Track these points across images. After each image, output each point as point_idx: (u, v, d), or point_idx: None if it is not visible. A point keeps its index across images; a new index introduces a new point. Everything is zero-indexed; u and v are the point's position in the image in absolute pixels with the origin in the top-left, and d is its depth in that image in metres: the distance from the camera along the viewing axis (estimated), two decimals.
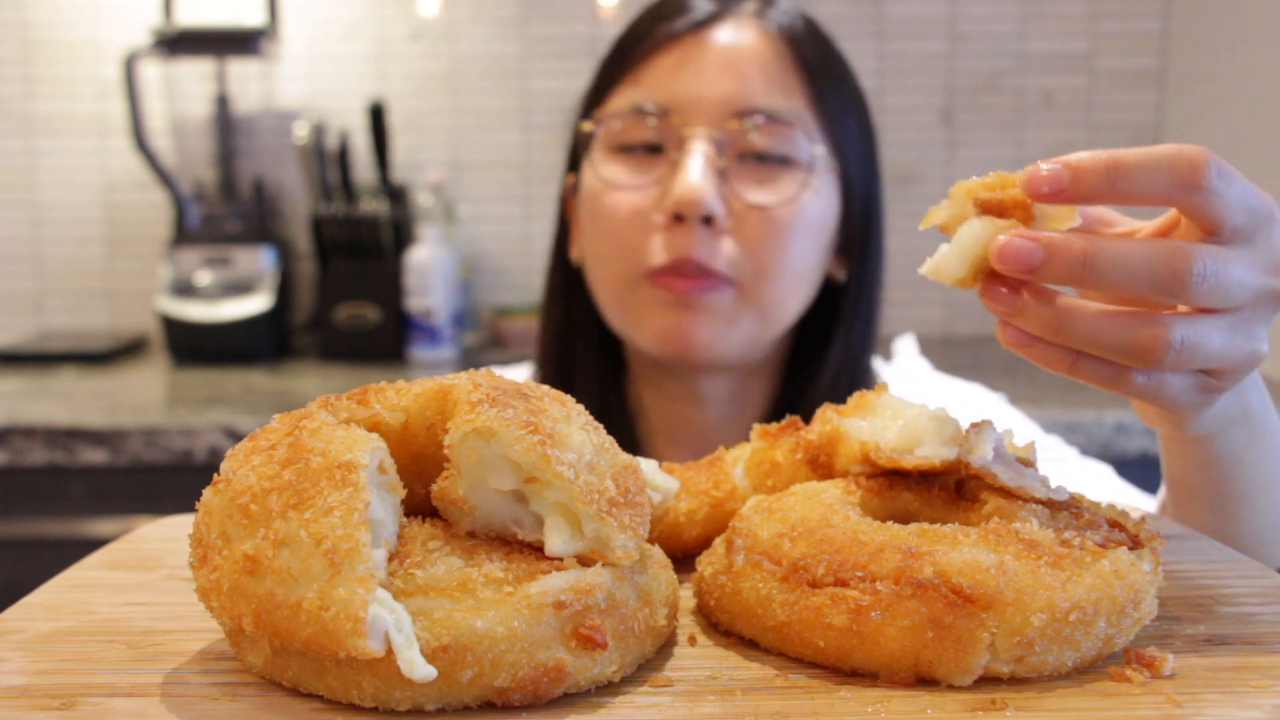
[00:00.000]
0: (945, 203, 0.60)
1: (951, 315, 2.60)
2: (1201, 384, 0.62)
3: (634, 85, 1.06)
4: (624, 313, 1.07)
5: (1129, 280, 0.56)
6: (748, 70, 1.03)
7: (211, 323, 2.31)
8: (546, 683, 0.45)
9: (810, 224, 1.04)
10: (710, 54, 1.04)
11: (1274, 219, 0.61)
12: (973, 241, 0.58)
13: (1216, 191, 0.57)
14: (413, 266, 2.30)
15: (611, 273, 1.06)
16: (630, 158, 1.05)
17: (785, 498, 0.57)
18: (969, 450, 0.55)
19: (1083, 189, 0.57)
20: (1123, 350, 0.58)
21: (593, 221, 1.07)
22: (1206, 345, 0.58)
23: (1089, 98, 2.56)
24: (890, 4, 2.54)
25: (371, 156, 2.38)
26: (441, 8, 2.54)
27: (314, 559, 0.44)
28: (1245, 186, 0.59)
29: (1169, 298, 0.57)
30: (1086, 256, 0.56)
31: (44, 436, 1.77)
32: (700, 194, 0.99)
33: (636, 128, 1.04)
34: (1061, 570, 0.48)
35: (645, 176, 1.04)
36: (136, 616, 0.56)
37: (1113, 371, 0.60)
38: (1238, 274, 0.58)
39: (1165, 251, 0.56)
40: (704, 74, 1.03)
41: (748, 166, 1.03)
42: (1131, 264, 0.56)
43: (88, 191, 2.56)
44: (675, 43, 1.05)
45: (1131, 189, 0.57)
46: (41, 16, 2.51)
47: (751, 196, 1.02)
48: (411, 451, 0.53)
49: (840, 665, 0.49)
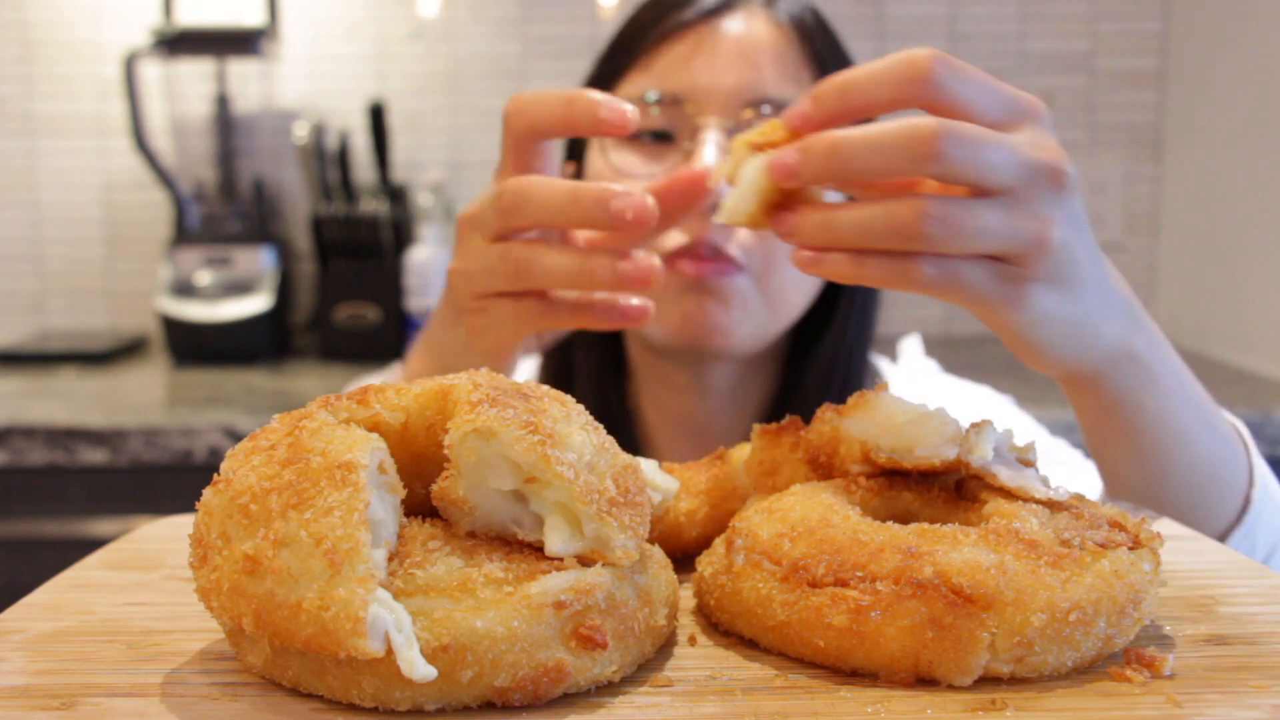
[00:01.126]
0: (728, 158, 0.66)
1: (951, 315, 2.60)
2: (1001, 272, 0.63)
3: (644, 73, 1.05)
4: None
5: (880, 159, 0.59)
6: (759, 60, 1.03)
7: (211, 323, 2.31)
8: (546, 683, 0.45)
9: None
10: (722, 43, 1.04)
11: (1040, 115, 0.64)
12: (753, 175, 0.63)
13: (945, 85, 0.60)
14: (413, 266, 2.30)
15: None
16: (641, 145, 1.05)
17: (785, 498, 0.57)
18: (969, 450, 0.55)
19: (824, 110, 0.61)
20: (887, 231, 0.60)
21: None
22: (977, 222, 0.60)
23: (1089, 98, 2.56)
24: (890, 4, 2.54)
25: (371, 156, 2.38)
26: (441, 8, 2.54)
27: (314, 559, 0.44)
28: (990, 85, 0.62)
29: (924, 167, 0.59)
30: (835, 144, 0.59)
31: (44, 436, 1.77)
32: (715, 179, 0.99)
33: (648, 115, 1.04)
34: (1061, 570, 0.48)
35: (658, 165, 1.04)
36: (136, 616, 0.56)
37: (897, 265, 0.62)
38: (997, 151, 0.60)
39: (912, 124, 0.59)
40: (716, 63, 1.03)
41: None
42: (879, 142, 0.59)
43: (88, 191, 2.56)
44: (686, 31, 1.05)
45: (863, 101, 0.60)
46: (41, 16, 2.51)
47: None
48: (411, 451, 0.53)
49: (840, 665, 0.49)
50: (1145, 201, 2.58)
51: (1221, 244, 2.34)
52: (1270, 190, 2.15)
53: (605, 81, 1.09)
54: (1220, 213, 2.34)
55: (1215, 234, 2.37)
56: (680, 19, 1.05)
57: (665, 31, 1.05)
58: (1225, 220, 2.33)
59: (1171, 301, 2.54)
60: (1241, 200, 2.26)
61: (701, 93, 1.02)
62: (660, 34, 1.05)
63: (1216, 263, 2.35)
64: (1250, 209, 2.22)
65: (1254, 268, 2.20)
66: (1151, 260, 2.60)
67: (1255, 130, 2.20)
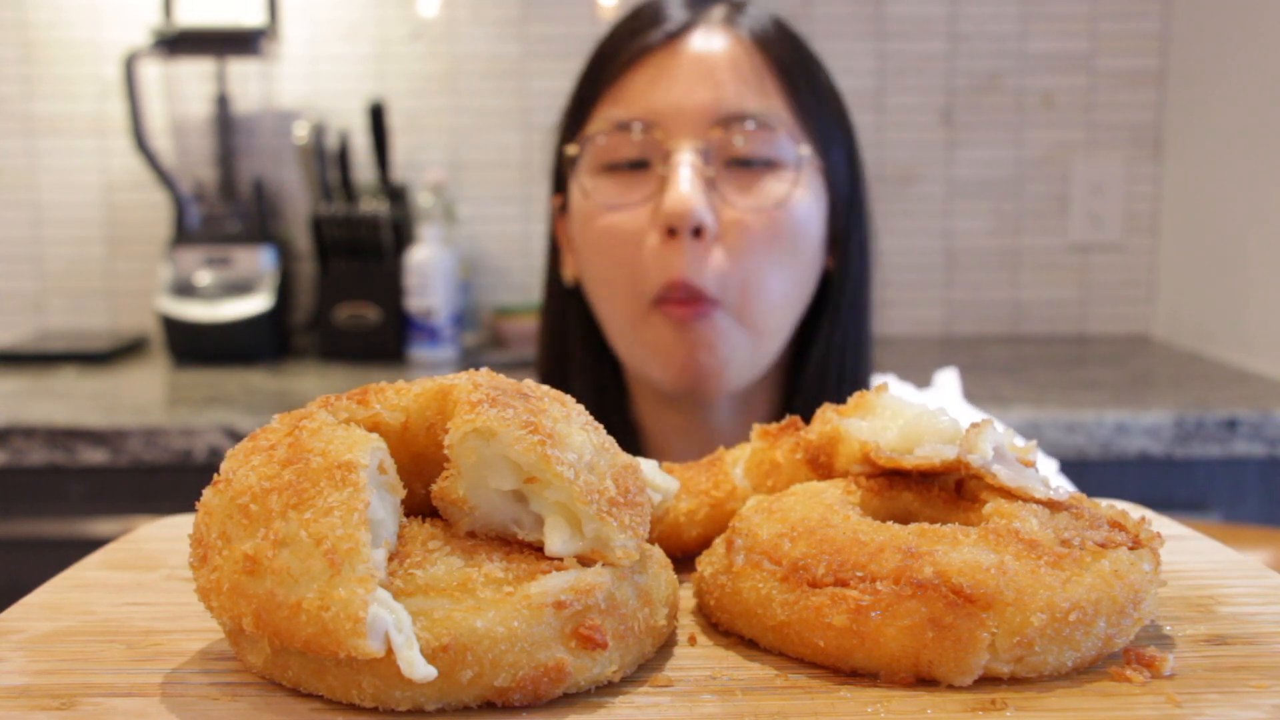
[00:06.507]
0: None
1: (951, 315, 2.60)
2: None
3: (613, 103, 1.06)
4: (637, 346, 1.07)
5: None
6: (723, 77, 1.04)
7: (211, 323, 2.31)
8: (546, 683, 0.45)
9: (800, 223, 1.05)
10: (685, 64, 1.04)
11: None
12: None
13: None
14: (413, 266, 2.30)
15: (619, 304, 1.07)
16: (617, 176, 1.06)
17: (785, 498, 0.57)
18: (969, 450, 0.55)
19: None
20: None
21: (590, 247, 1.08)
22: None
23: (1089, 98, 2.56)
24: (890, 4, 2.54)
25: (371, 156, 2.38)
26: (441, 8, 2.54)
27: (314, 559, 0.44)
28: None
29: None
30: None
31: (44, 436, 1.77)
32: (690, 204, 0.99)
33: (621, 145, 1.05)
34: (1061, 570, 0.48)
35: (635, 194, 1.04)
36: (137, 616, 0.56)
37: None
38: None
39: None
40: (681, 84, 1.03)
41: (734, 173, 1.04)
42: None
43: (88, 191, 2.56)
44: (649, 55, 1.05)
45: None
46: (41, 16, 2.51)
47: (741, 202, 1.03)
48: (411, 451, 0.53)
49: (840, 665, 0.49)
50: (1145, 201, 2.58)
51: (1221, 244, 2.34)
52: (1270, 190, 2.15)
53: (578, 113, 1.10)
54: (1220, 213, 2.34)
55: (1215, 234, 2.37)
56: (645, 44, 1.06)
57: (631, 57, 1.06)
58: (1225, 220, 2.33)
59: (1171, 301, 2.54)
60: (1241, 200, 2.26)
61: (670, 115, 1.03)
62: (626, 60, 1.06)
63: (1216, 263, 2.35)
64: (1250, 209, 2.22)
65: (1254, 268, 2.20)
66: (1151, 260, 2.60)
67: (1255, 130, 2.20)
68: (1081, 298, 2.61)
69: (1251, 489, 1.81)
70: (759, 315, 1.05)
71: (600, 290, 1.09)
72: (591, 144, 1.07)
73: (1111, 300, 2.61)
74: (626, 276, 1.04)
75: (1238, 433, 1.76)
